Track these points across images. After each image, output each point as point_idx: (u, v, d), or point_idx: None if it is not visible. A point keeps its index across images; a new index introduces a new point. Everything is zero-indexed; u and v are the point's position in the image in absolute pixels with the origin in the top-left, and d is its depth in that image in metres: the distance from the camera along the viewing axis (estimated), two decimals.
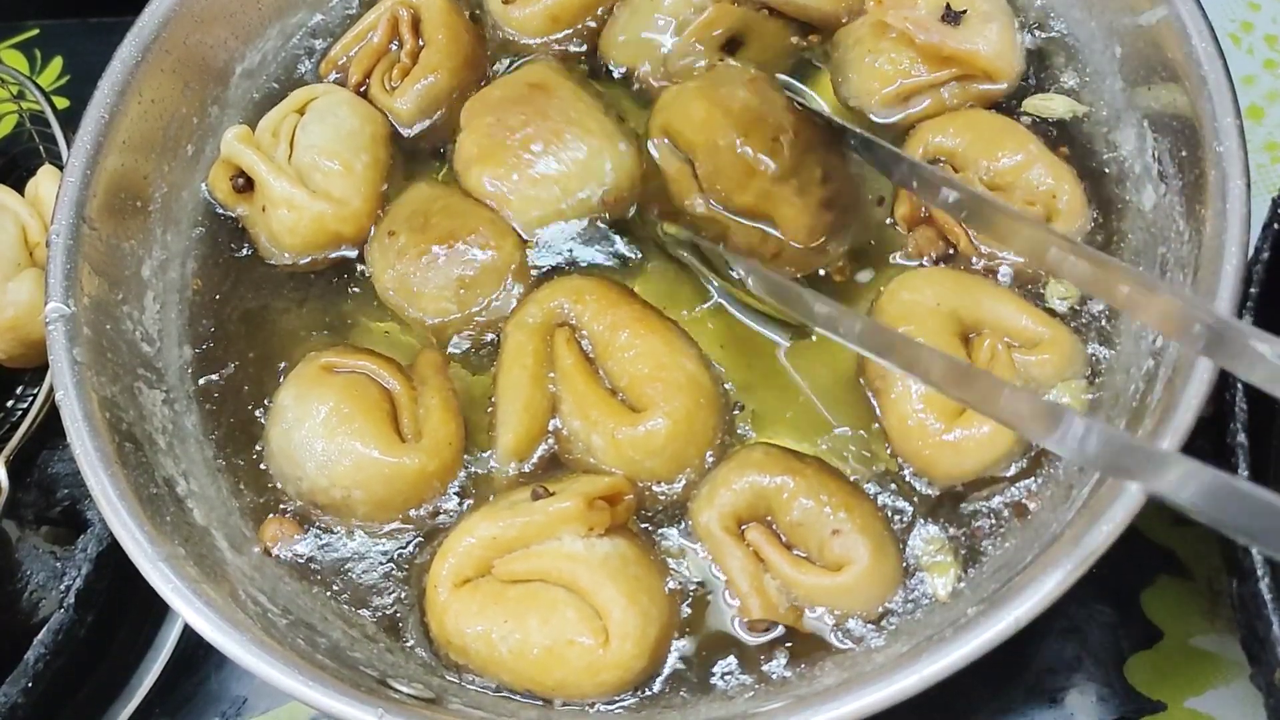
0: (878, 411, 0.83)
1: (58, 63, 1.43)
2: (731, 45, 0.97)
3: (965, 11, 0.92)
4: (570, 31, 1.02)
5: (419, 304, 0.90)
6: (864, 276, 0.89)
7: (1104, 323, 0.84)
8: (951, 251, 0.88)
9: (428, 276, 0.89)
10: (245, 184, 0.95)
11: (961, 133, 0.90)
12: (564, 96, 0.94)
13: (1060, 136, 0.92)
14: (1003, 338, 0.82)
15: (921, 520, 0.79)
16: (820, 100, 0.98)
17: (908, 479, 0.80)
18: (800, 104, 0.91)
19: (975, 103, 0.94)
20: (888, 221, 0.91)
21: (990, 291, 0.84)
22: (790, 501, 0.77)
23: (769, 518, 0.79)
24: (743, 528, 0.78)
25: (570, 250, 0.92)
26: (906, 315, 0.83)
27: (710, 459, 0.82)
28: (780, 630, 0.76)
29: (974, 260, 0.87)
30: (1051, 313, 0.84)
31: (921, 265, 0.88)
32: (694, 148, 0.89)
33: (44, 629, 0.88)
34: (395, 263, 0.91)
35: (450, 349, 0.90)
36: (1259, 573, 0.71)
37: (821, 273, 0.89)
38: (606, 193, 0.92)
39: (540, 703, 0.75)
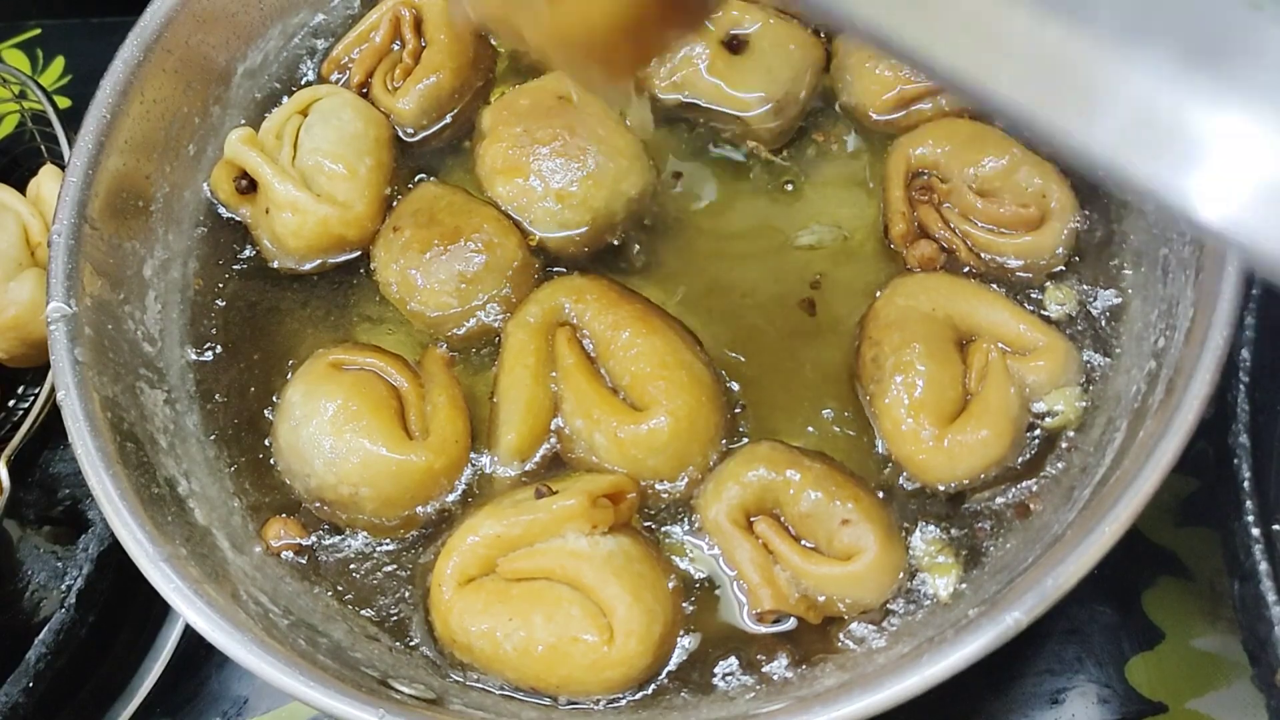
0: (871, 416, 0.83)
1: (59, 62, 1.43)
2: (734, 45, 0.97)
3: None
4: None
5: (420, 298, 0.90)
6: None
7: (1102, 327, 0.84)
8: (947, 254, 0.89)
9: (431, 271, 0.90)
10: (248, 186, 0.95)
11: (941, 142, 0.90)
12: (592, 111, 0.95)
13: None
14: (998, 344, 0.82)
15: (923, 521, 0.79)
16: None
17: (902, 482, 0.81)
18: None
19: (974, 108, 0.94)
20: (889, 246, 0.91)
21: (986, 298, 0.85)
22: (798, 494, 0.77)
23: (776, 510, 0.79)
24: (751, 520, 0.79)
25: (573, 250, 0.92)
26: (902, 320, 0.83)
27: (713, 457, 0.82)
28: (790, 623, 0.76)
29: (972, 265, 0.88)
30: (1047, 320, 0.84)
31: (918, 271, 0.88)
32: None
33: (45, 629, 0.88)
34: (399, 257, 0.91)
35: (450, 349, 0.90)
36: (1260, 574, 0.71)
37: None
38: (630, 208, 0.93)
39: (544, 702, 0.75)
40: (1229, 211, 0.36)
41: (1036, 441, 0.81)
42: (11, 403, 1.08)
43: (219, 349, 0.93)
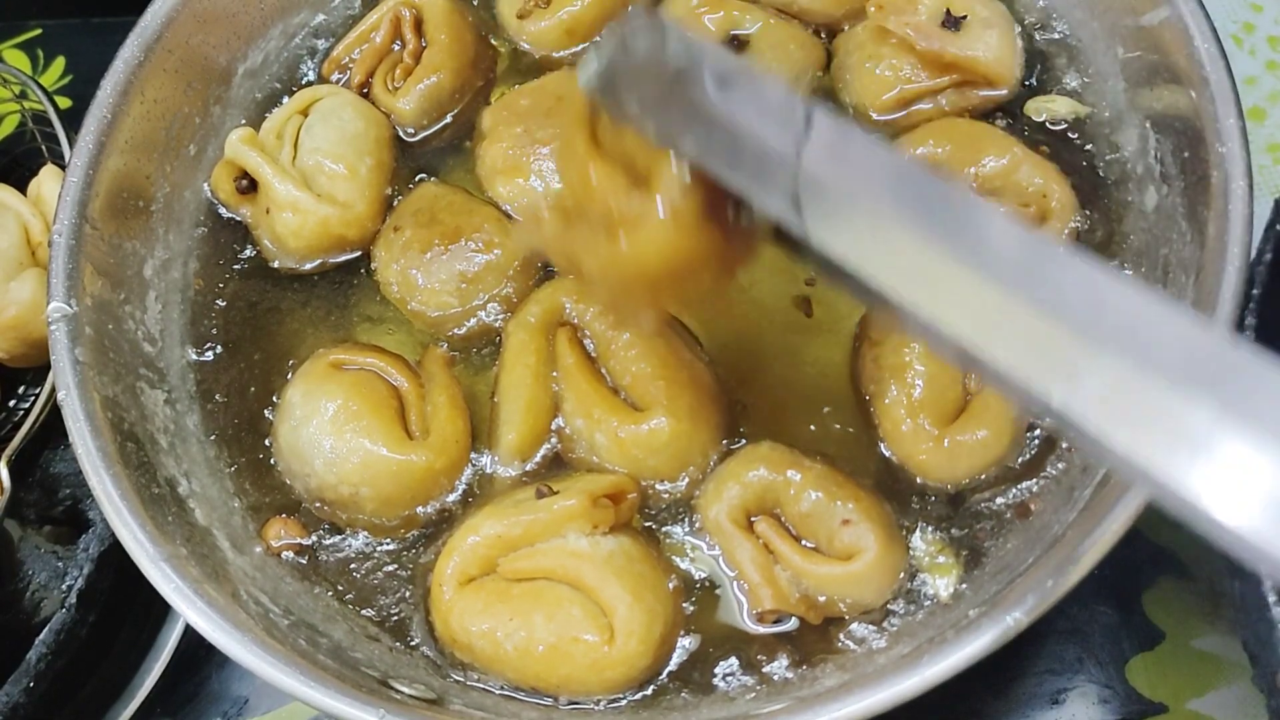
0: (872, 416, 0.83)
1: (60, 62, 1.43)
2: (736, 45, 0.97)
3: (965, 18, 0.93)
4: (585, 45, 1.03)
5: (421, 298, 0.90)
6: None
7: None
8: None
9: (431, 271, 0.90)
10: (249, 186, 0.95)
11: (942, 141, 0.90)
12: None
13: (1062, 138, 0.92)
14: None
15: (923, 521, 0.79)
16: None
17: (902, 482, 0.81)
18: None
19: (975, 108, 0.94)
20: None
21: None
22: (799, 494, 0.77)
23: (777, 510, 0.79)
24: (751, 520, 0.79)
25: None
26: None
27: (713, 457, 0.82)
28: (791, 623, 0.76)
29: None
30: None
31: None
32: None
33: (46, 629, 0.88)
34: (400, 257, 0.91)
35: (451, 349, 0.90)
36: (1261, 574, 0.71)
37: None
38: None
39: (544, 702, 0.75)
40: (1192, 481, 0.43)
41: (1036, 442, 0.81)
42: (12, 403, 1.08)
43: (219, 349, 0.93)
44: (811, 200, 0.57)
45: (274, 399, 0.88)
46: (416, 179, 0.98)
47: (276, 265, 0.95)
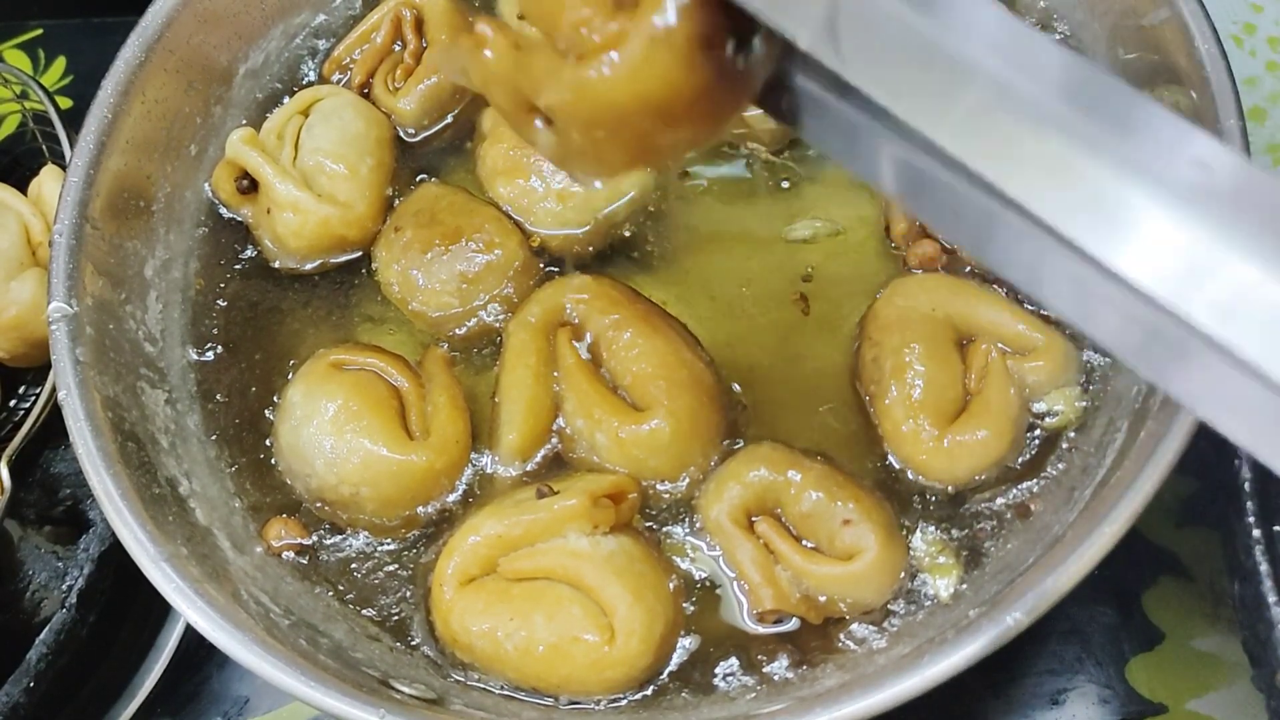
0: (872, 416, 0.83)
1: (61, 63, 1.43)
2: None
3: None
4: None
5: (422, 298, 0.90)
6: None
7: None
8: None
9: (432, 271, 0.90)
10: (250, 186, 0.95)
11: None
12: None
13: None
14: (997, 343, 0.82)
15: (923, 521, 0.79)
16: None
17: (902, 482, 0.81)
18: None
19: None
20: (891, 247, 0.91)
21: (985, 298, 0.84)
22: (800, 494, 0.77)
23: (777, 510, 0.79)
24: (752, 521, 0.79)
25: (575, 250, 0.92)
26: (902, 321, 0.83)
27: (714, 457, 0.82)
28: (791, 623, 0.76)
29: (973, 265, 0.88)
30: (1046, 319, 0.84)
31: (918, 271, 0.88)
32: None
33: (46, 628, 0.88)
34: (400, 257, 0.91)
35: (451, 349, 0.90)
36: (1261, 574, 0.71)
37: None
38: (632, 207, 0.93)
39: (545, 702, 0.75)
40: None
41: (1037, 442, 0.81)
42: (12, 403, 1.08)
43: (220, 349, 0.93)
44: (852, 30, 0.46)
45: (274, 399, 0.88)
46: (417, 179, 0.98)
47: (277, 265, 0.95)
